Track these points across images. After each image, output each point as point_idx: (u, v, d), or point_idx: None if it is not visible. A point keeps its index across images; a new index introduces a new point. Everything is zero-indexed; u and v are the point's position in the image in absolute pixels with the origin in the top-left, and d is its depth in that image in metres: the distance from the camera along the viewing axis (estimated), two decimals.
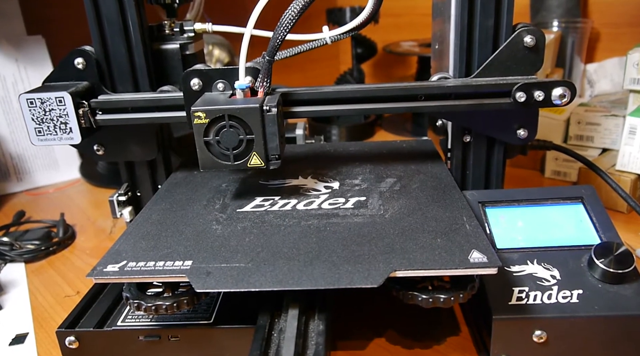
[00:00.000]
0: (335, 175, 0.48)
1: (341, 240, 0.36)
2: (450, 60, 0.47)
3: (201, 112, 0.39)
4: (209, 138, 0.39)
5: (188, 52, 0.49)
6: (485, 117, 0.45)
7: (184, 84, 0.43)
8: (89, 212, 0.70)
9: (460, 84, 0.43)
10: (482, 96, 0.43)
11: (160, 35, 0.48)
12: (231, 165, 0.40)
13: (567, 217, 0.43)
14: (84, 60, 0.45)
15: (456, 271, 0.32)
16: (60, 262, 0.57)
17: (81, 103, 0.43)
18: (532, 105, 0.43)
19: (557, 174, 0.74)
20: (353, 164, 0.50)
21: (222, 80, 0.43)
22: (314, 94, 0.43)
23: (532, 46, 0.43)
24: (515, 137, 0.46)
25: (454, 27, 0.45)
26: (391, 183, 0.45)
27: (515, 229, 0.43)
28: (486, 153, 0.48)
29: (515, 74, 0.44)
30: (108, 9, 0.44)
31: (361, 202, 0.42)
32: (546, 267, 0.39)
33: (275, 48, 0.40)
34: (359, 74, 1.05)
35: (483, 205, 0.45)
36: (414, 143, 0.56)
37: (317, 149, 0.55)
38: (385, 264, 0.33)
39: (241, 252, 0.35)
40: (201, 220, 0.40)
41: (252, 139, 0.39)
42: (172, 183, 0.47)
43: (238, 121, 0.39)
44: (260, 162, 0.40)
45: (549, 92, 0.42)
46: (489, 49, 0.44)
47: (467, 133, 0.47)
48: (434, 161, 0.50)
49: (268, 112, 0.39)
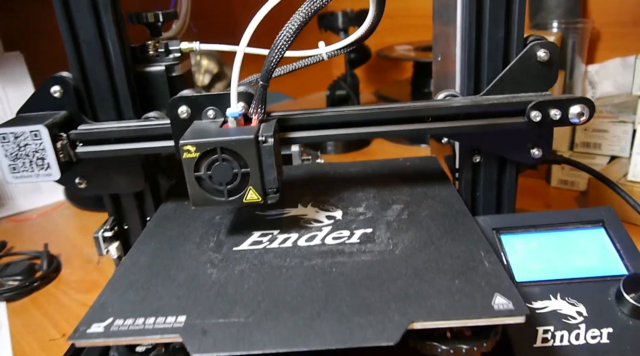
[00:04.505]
0: (337, 203, 0.44)
1: (349, 284, 0.33)
2: (457, 76, 0.44)
3: (191, 145, 0.35)
4: (200, 173, 0.36)
5: (174, 73, 0.45)
6: (496, 136, 0.42)
7: (170, 112, 0.39)
8: (75, 239, 0.66)
9: (469, 103, 0.40)
10: (494, 116, 0.40)
11: (144, 56, 0.45)
12: (225, 201, 0.37)
13: (589, 243, 0.40)
14: (61, 88, 0.41)
15: (480, 322, 0.29)
16: (44, 298, 0.54)
17: (59, 135, 0.40)
18: (548, 125, 0.40)
19: (564, 183, 0.71)
20: (355, 188, 0.47)
21: (213, 107, 0.39)
22: (312, 118, 0.40)
23: (546, 61, 0.40)
24: (529, 156, 0.43)
25: (460, 39, 0.42)
26: (398, 211, 0.42)
27: (533, 258, 0.40)
28: (497, 173, 0.45)
29: (527, 90, 0.41)
30: (85, 30, 0.41)
31: (368, 235, 0.39)
32: (571, 302, 0.36)
33: (269, 72, 0.37)
34: (352, 79, 1.02)
35: (497, 232, 0.42)
36: (418, 161, 0.52)
37: (315, 171, 0.52)
38: (401, 314, 0.30)
39: (240, 303, 0.32)
40: (194, 262, 0.37)
41: (247, 173, 0.36)
42: (162, 216, 0.44)
43: (231, 154, 0.36)
44: (257, 196, 0.37)
45: (566, 110, 0.39)
46: (498, 63, 0.41)
47: (477, 153, 0.44)
48: (442, 183, 0.47)
49: (264, 143, 0.36)
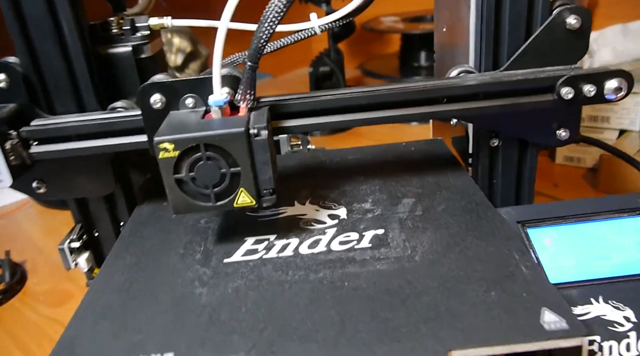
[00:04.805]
0: (339, 198, 0.39)
1: (366, 301, 0.28)
2: (471, 49, 0.38)
3: (168, 142, 0.29)
4: (181, 175, 0.30)
5: (144, 55, 0.38)
6: (518, 117, 0.37)
7: (141, 101, 0.33)
8: (42, 242, 0.60)
9: (490, 81, 0.35)
10: (519, 94, 0.35)
11: (106, 36, 0.38)
12: (213, 206, 0.31)
13: (626, 235, 0.36)
14: (6, 76, 0.34)
15: (531, 346, 0.24)
16: (8, 315, 0.48)
17: (8, 134, 0.33)
18: (580, 103, 0.35)
19: (569, 160, 0.67)
20: (357, 179, 0.41)
21: (192, 95, 0.33)
22: (309, 104, 0.34)
23: (577, 29, 0.35)
24: (555, 138, 0.38)
25: (475, 7, 0.37)
26: (410, 206, 0.37)
27: (566, 255, 0.35)
28: (517, 158, 0.40)
29: (554, 63, 0.36)
30: (32, 5, 0.34)
31: (380, 237, 0.33)
32: (616, 306, 0.32)
33: (259, 50, 0.31)
34: (337, 54, 0.95)
35: (524, 226, 0.37)
36: (424, 145, 0.47)
37: (309, 160, 0.46)
38: (435, 340, 0.25)
39: (238, 332, 0.26)
40: (179, 280, 0.31)
41: (237, 172, 0.30)
42: (137, 222, 0.38)
43: (218, 151, 0.30)
44: (250, 199, 0.31)
45: (602, 86, 0.34)
46: (521, 34, 0.36)
47: (494, 136, 0.39)
48: (454, 170, 0.41)
49: (257, 136, 0.30)
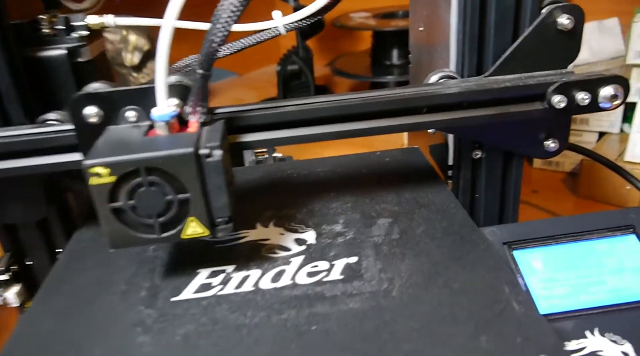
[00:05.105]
0: (307, 219, 0.35)
1: (337, 350, 0.24)
2: (452, 52, 0.34)
3: (102, 166, 0.25)
4: (118, 203, 0.25)
5: (81, 58, 0.34)
6: (503, 127, 0.34)
7: (74, 114, 0.28)
8: None
9: (475, 88, 0.31)
10: (506, 102, 0.31)
11: (36, 36, 0.33)
12: (158, 238, 0.27)
13: (621, 255, 0.33)
14: None
15: None
16: None
17: None
18: (573, 112, 0.32)
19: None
20: (328, 196, 0.37)
21: (133, 107, 0.28)
22: (272, 116, 0.30)
23: (569, 29, 0.31)
24: (542, 150, 0.35)
25: (456, 4, 0.33)
26: (386, 228, 0.33)
27: (558, 280, 0.32)
28: (502, 171, 0.37)
29: (544, 67, 0.32)
30: None
31: (352, 267, 0.30)
32: (613, 339, 0.29)
33: (211, 56, 0.26)
34: (305, 52, 0.91)
35: (510, 248, 0.33)
36: (399, 154, 0.43)
37: (274, 174, 0.42)
38: None
39: None
40: (118, 326, 0.26)
41: (186, 199, 0.26)
42: (75, 251, 0.33)
43: (162, 175, 0.25)
44: (202, 229, 0.27)
45: (596, 93, 0.31)
46: (507, 35, 0.32)
47: (478, 147, 0.36)
48: (433, 184, 0.38)
49: (208, 157, 0.25)
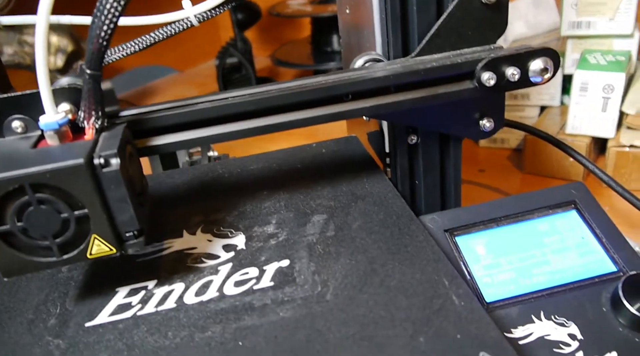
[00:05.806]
0: (237, 222, 0.32)
1: None
2: (377, 34, 0.32)
3: None
4: (5, 227, 0.22)
5: None
6: (435, 110, 0.32)
7: None
8: None
9: (401, 71, 0.29)
10: (434, 83, 0.30)
11: None
12: (58, 261, 0.24)
13: (564, 232, 0.32)
14: None
15: None
16: None
17: None
18: (503, 89, 0.30)
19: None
20: (260, 195, 0.35)
21: (19, 116, 0.25)
22: (184, 115, 0.27)
23: (494, 2, 0.30)
24: (478, 130, 0.33)
25: None
26: (321, 225, 0.31)
27: (502, 265, 0.31)
28: (440, 155, 0.35)
29: (472, 44, 0.31)
30: None
31: (284, 271, 0.27)
32: (559, 322, 0.28)
33: (99, 54, 0.23)
34: (243, 44, 0.88)
35: (452, 235, 0.32)
36: (336, 144, 0.41)
37: (205, 176, 0.39)
38: None
39: None
40: None
41: (85, 216, 0.23)
42: None
43: (54, 191, 0.22)
44: (110, 247, 0.24)
45: (526, 67, 0.30)
46: (431, 12, 0.30)
47: (412, 131, 0.34)
48: (371, 174, 0.36)
49: (105, 167, 0.23)
